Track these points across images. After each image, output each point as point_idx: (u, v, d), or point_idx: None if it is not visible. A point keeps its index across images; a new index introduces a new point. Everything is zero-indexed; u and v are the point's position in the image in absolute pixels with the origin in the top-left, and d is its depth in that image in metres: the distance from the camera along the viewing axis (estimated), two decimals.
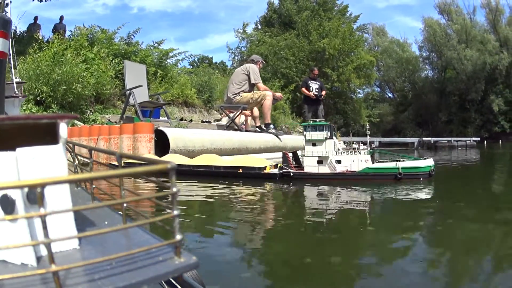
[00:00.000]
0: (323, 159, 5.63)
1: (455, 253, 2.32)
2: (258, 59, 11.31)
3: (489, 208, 3.83)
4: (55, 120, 0.75)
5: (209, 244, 2.53)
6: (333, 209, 3.78)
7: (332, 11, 33.75)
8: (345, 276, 1.98)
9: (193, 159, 6.41)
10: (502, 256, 2.27)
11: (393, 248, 2.45)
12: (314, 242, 2.60)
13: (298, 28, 31.46)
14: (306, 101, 13.89)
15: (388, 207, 3.98)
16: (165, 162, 0.66)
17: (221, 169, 6.02)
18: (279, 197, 4.72)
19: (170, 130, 7.56)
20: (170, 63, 15.70)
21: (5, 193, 0.68)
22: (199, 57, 19.39)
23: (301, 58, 29.30)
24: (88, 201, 1.11)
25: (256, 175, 5.80)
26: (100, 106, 10.81)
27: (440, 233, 2.83)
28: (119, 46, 12.96)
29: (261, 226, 3.04)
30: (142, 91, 9.00)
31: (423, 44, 50.52)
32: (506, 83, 45.36)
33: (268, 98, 10.47)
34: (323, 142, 5.67)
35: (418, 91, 50.86)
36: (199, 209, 3.74)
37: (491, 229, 2.92)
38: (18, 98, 6.89)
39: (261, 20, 35.96)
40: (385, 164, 5.55)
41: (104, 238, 0.78)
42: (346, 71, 29.65)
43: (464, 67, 44.93)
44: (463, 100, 46.74)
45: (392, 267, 2.09)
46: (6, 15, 3.02)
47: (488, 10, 47.22)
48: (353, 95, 34.99)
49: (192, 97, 14.44)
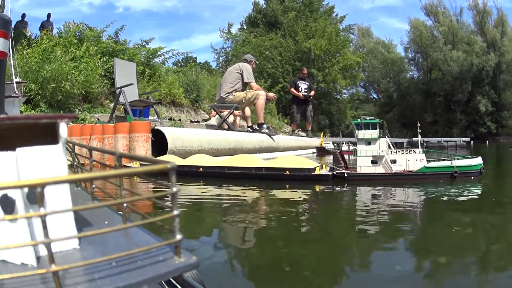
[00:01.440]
0: (378, 159, 5.43)
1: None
2: (252, 58, 11.23)
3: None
4: (55, 120, 0.75)
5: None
6: (409, 214, 3.49)
7: (318, 11, 33.92)
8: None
9: (226, 161, 6.08)
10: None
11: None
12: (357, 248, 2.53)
13: (284, 28, 31.56)
14: (295, 101, 13.93)
15: (463, 208, 3.78)
16: (165, 162, 0.66)
17: (262, 171, 5.60)
18: (340, 202, 4.44)
19: (168, 130, 7.40)
20: (157, 62, 15.65)
21: (5, 193, 0.68)
22: (183, 56, 19.22)
23: (287, 58, 29.36)
24: (88, 201, 1.11)
25: (305, 177, 5.37)
26: (88, 105, 10.68)
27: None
28: (107, 44, 12.84)
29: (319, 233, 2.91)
30: (132, 90, 8.85)
31: (408, 45, 51.15)
32: (492, 84, 45.98)
33: (261, 98, 10.40)
34: (377, 141, 5.45)
35: (403, 92, 51.36)
36: (244, 216, 3.42)
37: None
38: (18, 98, 6.84)
39: (246, 20, 35.97)
40: (441, 163, 5.46)
41: (104, 238, 0.78)
42: (332, 71, 29.91)
43: (450, 68, 45.46)
44: (448, 101, 47.27)
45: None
46: (6, 15, 3.00)
47: (475, 12, 47.76)
48: (339, 96, 35.21)
49: (179, 97, 14.36)
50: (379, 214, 3.37)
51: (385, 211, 3.51)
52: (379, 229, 2.94)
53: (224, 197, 4.52)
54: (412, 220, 3.25)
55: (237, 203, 4.07)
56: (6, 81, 3.64)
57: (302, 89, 13.73)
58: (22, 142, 0.72)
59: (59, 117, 0.75)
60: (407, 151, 5.45)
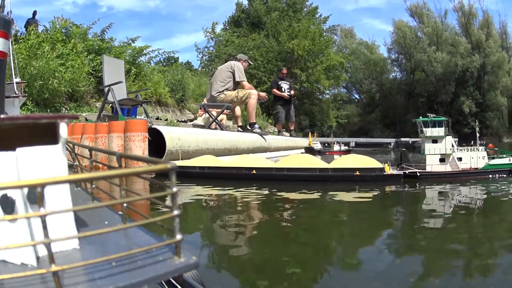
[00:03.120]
0: (445, 157, 5.49)
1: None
2: (244, 57, 11.07)
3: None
4: (55, 120, 0.75)
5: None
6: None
7: (302, 12, 34.08)
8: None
9: (281, 162, 5.91)
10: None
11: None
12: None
13: (267, 28, 31.64)
14: (279, 102, 13.92)
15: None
16: (164, 162, 0.67)
17: (329, 172, 5.36)
18: (427, 203, 4.26)
19: (166, 129, 7.15)
20: (143, 60, 15.49)
21: (5, 193, 0.68)
22: (165, 56, 19.07)
23: (269, 58, 29.36)
24: (88, 201, 1.10)
25: (377, 178, 5.22)
26: (74, 104, 10.53)
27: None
28: (93, 42, 12.69)
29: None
30: (120, 88, 8.63)
31: (392, 46, 51.42)
32: (477, 85, 46.48)
33: (253, 97, 10.26)
34: (443, 139, 5.50)
35: (386, 92, 51.67)
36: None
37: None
38: (18, 98, 6.75)
39: (229, 20, 35.95)
40: (502, 160, 5.61)
41: (104, 238, 0.78)
42: (315, 72, 30.00)
43: (434, 69, 45.92)
44: (431, 102, 47.69)
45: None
46: (6, 15, 2.97)
47: (460, 14, 48.26)
48: (321, 96, 35.28)
49: (165, 96, 14.23)
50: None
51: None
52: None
53: (278, 201, 4.30)
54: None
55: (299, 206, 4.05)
56: (6, 81, 3.61)
57: (284, 89, 13.74)
58: (22, 142, 0.71)
59: (59, 117, 0.75)
60: (471, 149, 5.59)
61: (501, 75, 45.70)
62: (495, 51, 44.84)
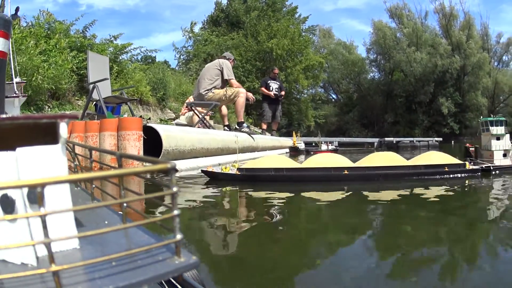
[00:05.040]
0: (507, 152, 6.24)
1: None
2: (231, 56, 10.92)
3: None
4: (55, 120, 0.75)
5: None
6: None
7: (281, 11, 34.03)
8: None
9: (363, 161, 5.66)
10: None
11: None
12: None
13: (246, 28, 31.48)
14: (266, 101, 13.94)
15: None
16: (164, 161, 0.67)
17: (421, 168, 5.47)
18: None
19: (162, 127, 6.85)
20: (125, 58, 15.33)
21: (5, 193, 0.68)
22: (142, 56, 18.90)
23: (248, 58, 29.31)
24: (88, 201, 1.10)
25: (461, 172, 5.59)
26: (56, 102, 10.36)
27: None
28: (76, 39, 12.50)
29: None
30: (105, 86, 8.30)
31: (371, 47, 51.76)
32: (456, 85, 47.17)
33: (242, 96, 10.08)
34: (504, 136, 6.29)
35: (364, 92, 52.09)
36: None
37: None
38: (18, 98, 6.66)
39: (208, 20, 35.63)
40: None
41: (104, 238, 0.78)
42: (294, 71, 30.01)
43: (413, 70, 46.43)
44: (410, 102, 48.31)
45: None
46: (6, 15, 2.92)
47: (441, 15, 48.88)
48: (300, 96, 35.37)
49: (147, 95, 14.07)
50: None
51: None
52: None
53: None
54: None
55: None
56: (6, 80, 3.58)
57: (273, 88, 13.75)
58: (22, 142, 0.71)
59: (59, 117, 0.75)
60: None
61: (481, 75, 46.38)
62: (476, 52, 45.46)
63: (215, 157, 7.84)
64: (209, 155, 7.49)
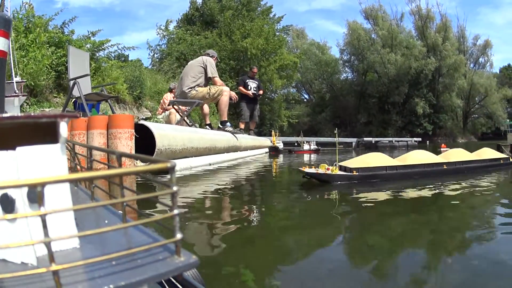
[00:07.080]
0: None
1: None
2: (214, 54, 10.70)
3: None
4: (55, 119, 0.75)
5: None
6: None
7: (256, 11, 34.14)
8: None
9: (443, 156, 6.08)
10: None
11: None
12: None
13: (220, 27, 31.45)
14: (244, 100, 13.92)
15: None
16: (164, 161, 0.68)
17: (486, 162, 6.30)
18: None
19: (155, 125, 6.53)
20: (102, 55, 14.96)
21: (5, 192, 0.68)
22: (116, 53, 18.58)
23: (222, 57, 29.27)
24: (88, 200, 1.10)
25: (509, 165, 6.50)
26: (34, 99, 10.12)
27: None
28: (54, 34, 12.21)
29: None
30: (85, 82, 8.01)
31: (345, 48, 52.47)
32: (431, 86, 48.12)
33: (226, 94, 9.87)
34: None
35: (337, 92, 52.77)
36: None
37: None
38: (18, 97, 6.51)
39: (182, 18, 35.45)
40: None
41: (104, 237, 0.78)
42: (268, 71, 30.14)
43: (387, 71, 47.25)
44: (383, 103, 49.12)
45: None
46: (7, 15, 2.86)
47: (417, 17, 49.76)
48: (274, 96, 35.52)
49: (123, 93, 13.80)
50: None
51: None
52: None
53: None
54: None
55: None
56: (6, 80, 3.52)
57: (251, 87, 13.73)
58: (22, 142, 0.71)
59: (59, 116, 0.75)
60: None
61: (457, 77, 47.38)
62: (452, 54, 46.40)
63: (204, 157, 7.79)
64: (198, 155, 7.36)
